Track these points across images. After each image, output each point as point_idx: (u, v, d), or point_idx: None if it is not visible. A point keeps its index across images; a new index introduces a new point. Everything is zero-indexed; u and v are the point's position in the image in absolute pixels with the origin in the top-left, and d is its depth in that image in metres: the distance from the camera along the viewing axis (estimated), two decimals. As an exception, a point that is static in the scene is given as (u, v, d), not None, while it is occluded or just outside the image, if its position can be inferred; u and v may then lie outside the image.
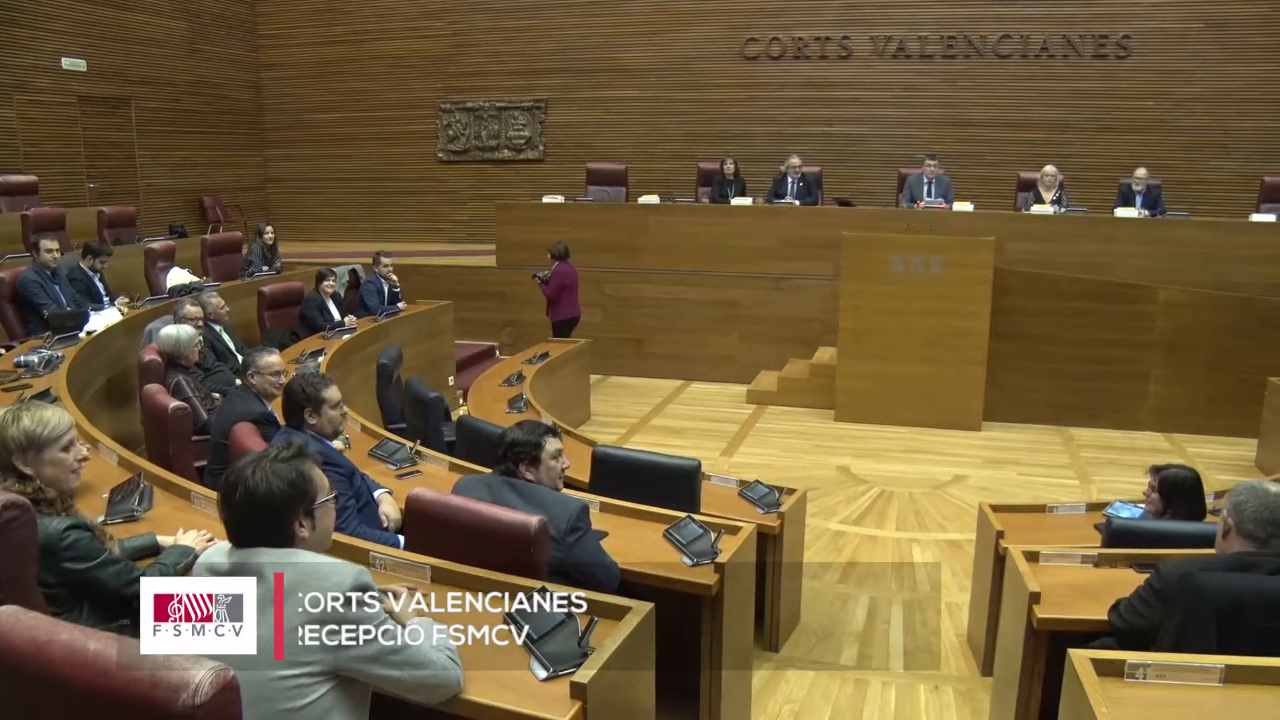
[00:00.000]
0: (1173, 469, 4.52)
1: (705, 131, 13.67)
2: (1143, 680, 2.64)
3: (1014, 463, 8.58)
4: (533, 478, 3.76)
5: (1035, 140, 12.67)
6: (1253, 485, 3.21)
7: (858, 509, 7.31)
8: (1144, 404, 9.68)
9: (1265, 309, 9.52)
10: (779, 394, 10.15)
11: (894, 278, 9.34)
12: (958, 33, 13.05)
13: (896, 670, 4.95)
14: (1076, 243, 10.07)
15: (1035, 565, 3.88)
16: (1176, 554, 3.60)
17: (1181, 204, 11.13)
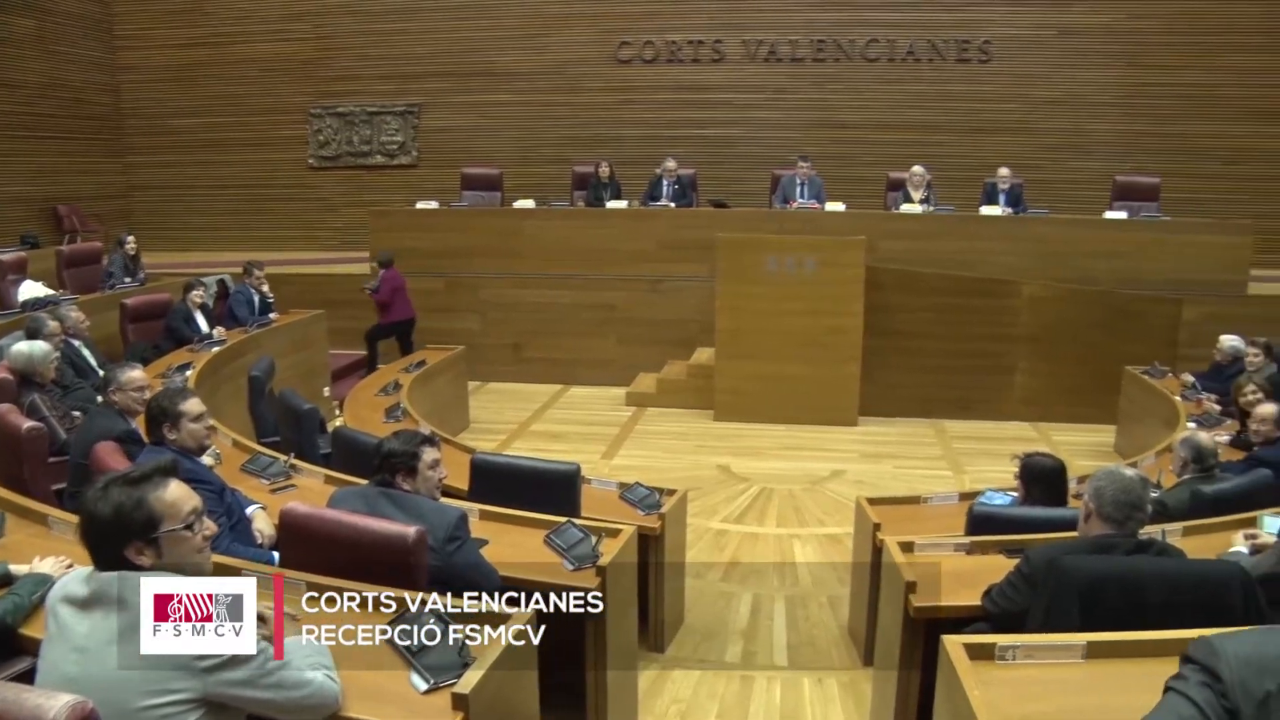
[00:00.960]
0: (1033, 457, 4.68)
1: (580, 135, 13.64)
2: (1012, 661, 2.71)
3: (890, 456, 8.77)
4: (410, 488, 3.71)
5: (903, 141, 12.96)
6: (1110, 471, 3.34)
7: (738, 507, 7.37)
8: (1012, 395, 10.01)
9: (1120, 301, 9.96)
10: (658, 395, 10.19)
11: (769, 278, 9.46)
12: (827, 37, 13.28)
13: (781, 665, 4.99)
14: (945, 240, 10.38)
15: (910, 555, 3.96)
16: (1042, 539, 3.72)
17: (1042, 202, 11.53)
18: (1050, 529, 3.98)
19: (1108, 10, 12.91)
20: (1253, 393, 6.57)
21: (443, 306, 11.16)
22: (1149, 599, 2.99)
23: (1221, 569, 3.19)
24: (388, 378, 8.28)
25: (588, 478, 5.23)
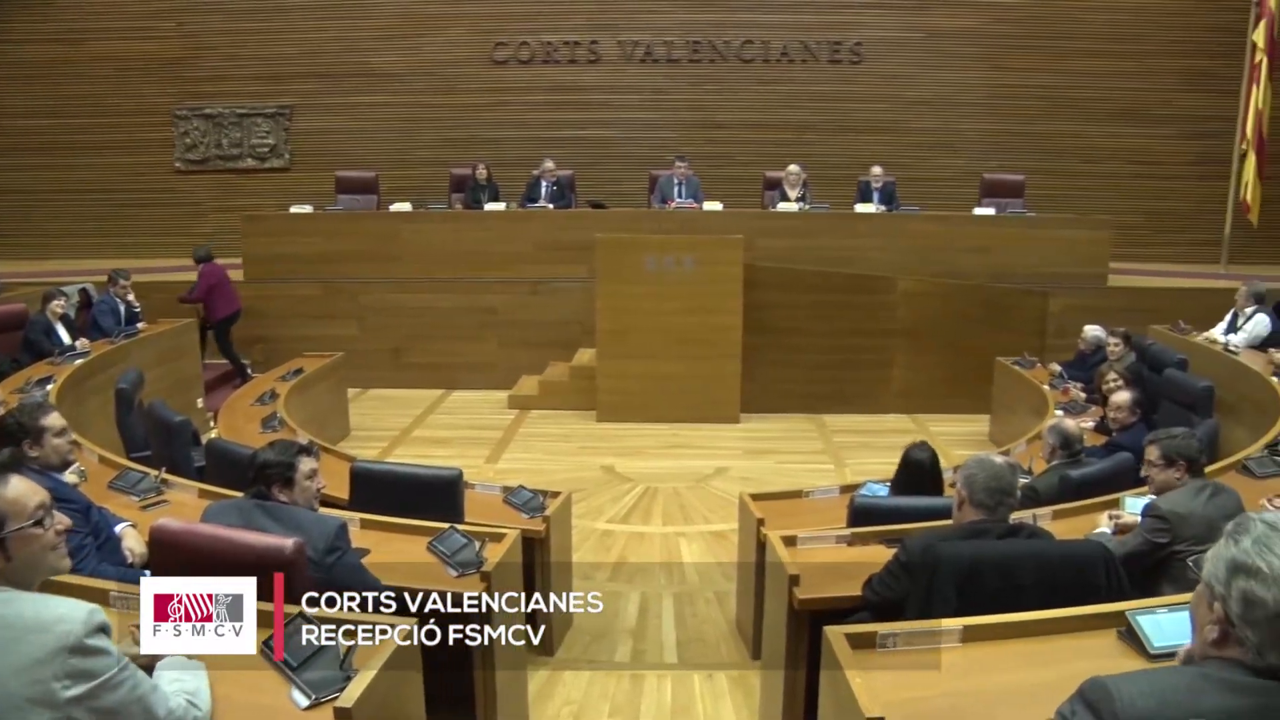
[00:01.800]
0: (909, 449, 4.81)
1: (457, 137, 13.46)
2: (893, 649, 2.76)
3: (772, 452, 8.87)
4: (287, 499, 3.63)
5: (779, 141, 13.13)
6: (980, 459, 3.44)
7: (624, 507, 7.38)
8: (890, 388, 10.23)
9: (991, 295, 10.28)
10: (540, 398, 10.13)
11: (648, 278, 9.49)
12: (702, 38, 13.37)
13: (671, 663, 5.00)
14: (821, 238, 10.55)
15: (793, 549, 4.01)
16: (919, 528, 3.80)
17: (914, 199, 11.80)
18: (928, 518, 4.07)
19: (970, 14, 13.29)
20: (1113, 380, 6.85)
21: (320, 313, 10.91)
22: (1021, 581, 3.09)
23: (1087, 549, 3.32)
24: (264, 387, 8.08)
25: (470, 482, 5.19)
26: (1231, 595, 1.68)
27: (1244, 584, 1.66)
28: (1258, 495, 4.71)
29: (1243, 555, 1.68)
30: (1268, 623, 1.63)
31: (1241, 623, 1.66)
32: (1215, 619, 1.71)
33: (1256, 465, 5.25)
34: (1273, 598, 1.63)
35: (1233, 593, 1.67)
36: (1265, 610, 1.63)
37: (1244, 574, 1.66)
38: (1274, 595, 1.63)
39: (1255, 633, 1.65)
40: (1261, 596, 1.64)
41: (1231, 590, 1.68)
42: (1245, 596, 1.66)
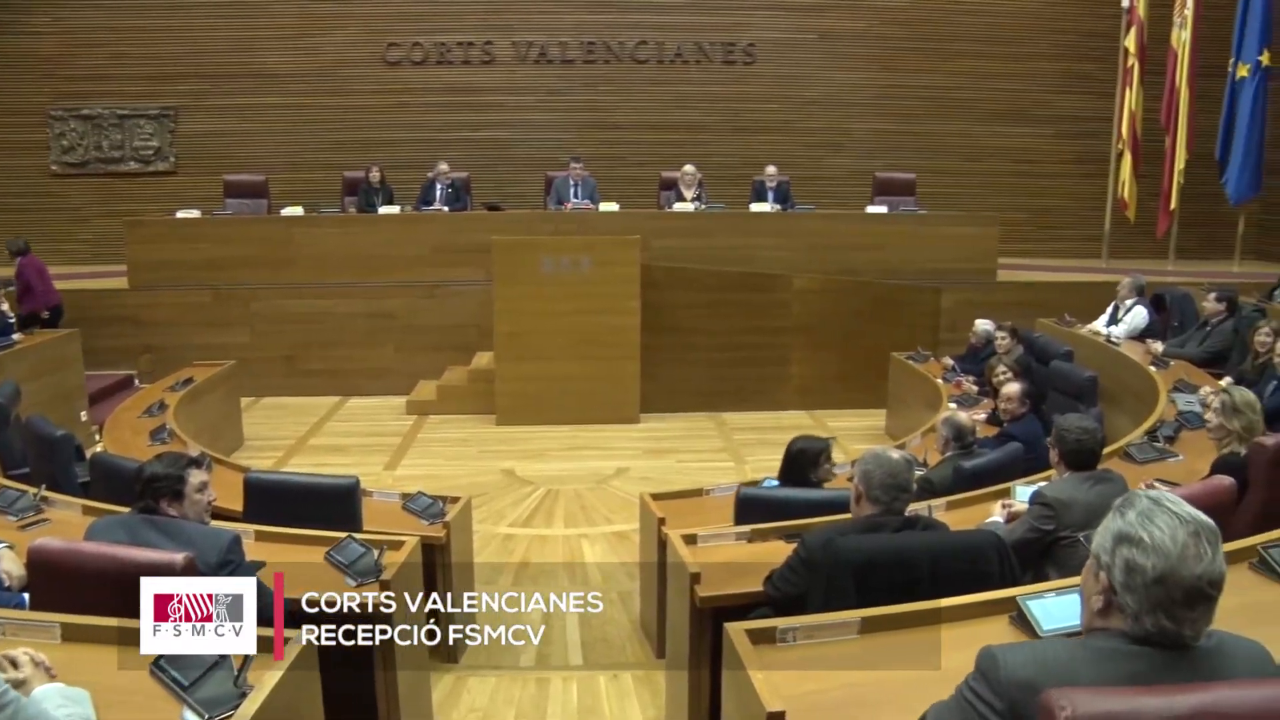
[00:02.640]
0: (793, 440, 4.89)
1: (350, 139, 13.22)
2: (793, 643, 2.78)
3: (672, 451, 8.90)
4: (177, 513, 3.51)
5: (675, 141, 13.20)
6: (876, 454, 3.49)
7: (525, 510, 7.33)
8: (788, 385, 10.34)
9: (885, 291, 10.46)
10: (439, 402, 10.01)
11: (546, 279, 9.45)
12: (597, 39, 13.38)
13: (576, 665, 4.97)
14: (717, 237, 10.63)
15: (694, 547, 4.01)
16: (817, 523, 3.85)
17: (808, 198, 11.97)
18: (812, 508, 4.16)
19: (860, 16, 13.55)
20: (1003, 373, 7.01)
21: (210, 320, 10.60)
22: (917, 572, 3.14)
23: (979, 538, 3.39)
24: (152, 398, 7.82)
25: (369, 490, 5.11)
26: (1115, 564, 1.78)
27: (1127, 552, 1.76)
28: (1139, 479, 4.86)
29: (1127, 526, 1.78)
30: (1145, 589, 1.73)
31: (1123, 589, 1.76)
32: (1101, 588, 1.81)
33: (1138, 451, 5.43)
34: (1151, 565, 1.73)
35: (1116, 561, 1.77)
36: (1144, 576, 1.73)
37: (1128, 543, 1.76)
38: (1153, 563, 1.72)
39: (1134, 599, 1.75)
40: (1142, 564, 1.73)
41: (1116, 559, 1.78)
42: (1128, 564, 1.75)
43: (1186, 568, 1.72)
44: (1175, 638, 1.75)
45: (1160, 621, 1.73)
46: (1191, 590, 1.72)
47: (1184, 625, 1.74)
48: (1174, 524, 1.74)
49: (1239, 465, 4.49)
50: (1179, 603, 1.72)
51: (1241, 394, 4.88)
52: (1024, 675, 1.75)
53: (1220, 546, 1.76)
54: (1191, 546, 1.73)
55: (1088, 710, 1.57)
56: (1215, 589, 1.74)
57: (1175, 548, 1.72)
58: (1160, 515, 1.76)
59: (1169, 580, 1.72)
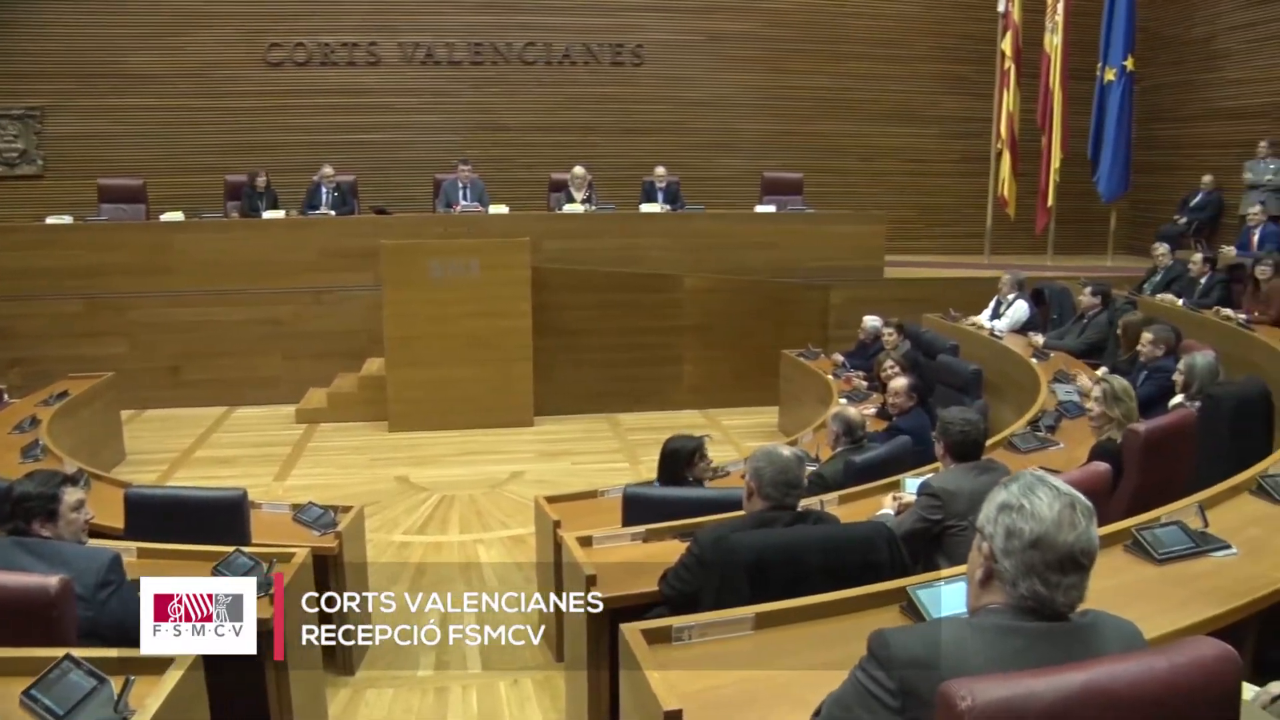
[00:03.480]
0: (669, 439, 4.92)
1: (232, 143, 12.83)
2: (688, 641, 2.78)
3: (567, 453, 8.87)
4: (51, 534, 3.36)
5: (563, 143, 13.14)
6: (767, 451, 3.52)
7: (420, 517, 7.22)
8: (681, 385, 10.39)
9: (775, 290, 10.58)
10: (330, 410, 9.79)
11: (435, 283, 9.33)
12: (484, 40, 13.23)
13: (475, 671, 4.90)
14: (608, 238, 10.61)
15: (589, 549, 3.99)
16: (711, 520, 3.86)
17: (698, 199, 12.01)
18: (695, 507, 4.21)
19: (749, 18, 13.66)
20: (891, 368, 7.15)
21: (84, 331, 10.19)
22: (810, 565, 3.16)
23: (869, 530, 3.43)
24: (23, 413, 7.48)
25: (257, 502, 5.00)
26: (997, 532, 1.87)
27: (1007, 519, 1.85)
28: (1021, 468, 4.96)
29: (1009, 496, 1.87)
30: (1021, 552, 1.82)
31: (1002, 555, 1.85)
32: (983, 558, 1.89)
33: (1020, 441, 5.58)
34: (1029, 529, 1.82)
35: (998, 529, 1.86)
36: (1021, 540, 1.83)
37: (1008, 510, 1.86)
38: (1030, 527, 1.82)
39: (1011, 563, 1.84)
40: (1020, 528, 1.83)
41: (997, 527, 1.87)
42: (1007, 530, 1.85)
43: (1061, 534, 1.81)
44: (1050, 605, 1.82)
45: (1035, 586, 1.82)
46: (1065, 556, 1.81)
47: (1057, 592, 1.82)
48: (1052, 495, 1.85)
49: (1114, 452, 4.64)
50: (1052, 567, 1.81)
51: (1120, 382, 5.04)
52: (913, 653, 1.81)
53: (1094, 522, 1.85)
54: (1067, 516, 1.82)
55: (987, 698, 1.61)
56: (1087, 558, 1.84)
57: (1052, 515, 1.82)
58: (1041, 488, 1.86)
59: (1044, 544, 1.81)
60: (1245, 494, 4.12)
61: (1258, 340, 7.65)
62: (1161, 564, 3.41)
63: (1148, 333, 6.88)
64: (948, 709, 1.62)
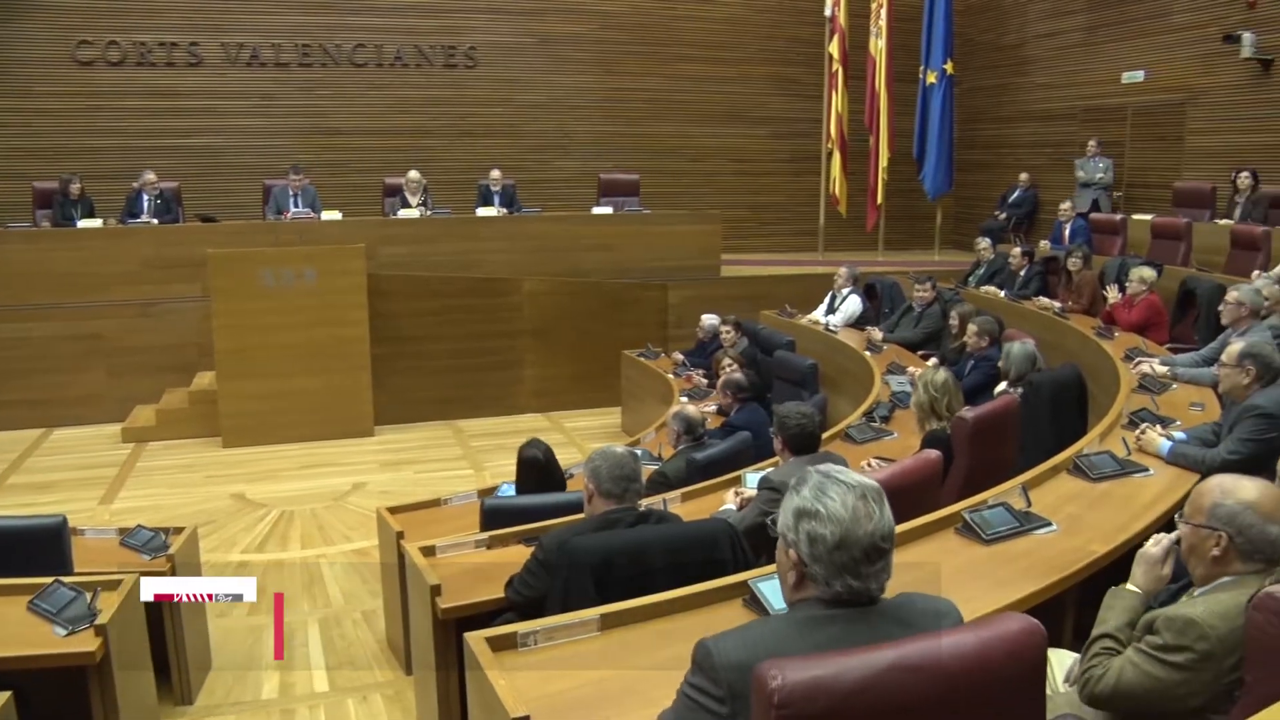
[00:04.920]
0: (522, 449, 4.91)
1: (40, 147, 12.09)
2: (535, 646, 2.77)
3: (410, 462, 8.75)
4: None
5: (397, 146, 12.94)
6: (603, 451, 3.56)
7: (259, 535, 7.01)
8: (523, 389, 10.38)
9: (613, 290, 10.66)
10: (159, 428, 9.38)
11: (268, 293, 9.06)
12: (312, 41, 12.89)
13: (322, 691, 4.79)
14: (445, 243, 10.48)
15: (433, 558, 3.94)
16: (554, 524, 3.86)
17: (534, 201, 12.04)
18: (558, 512, 4.18)
19: (581, 20, 13.74)
20: (729, 365, 7.29)
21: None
22: (654, 564, 3.20)
23: (711, 526, 3.49)
24: None
25: (79, 528, 4.76)
26: (800, 539, 1.92)
27: (808, 526, 1.91)
28: (859, 458, 5.16)
29: (803, 502, 1.93)
30: (828, 555, 1.89)
31: (810, 560, 1.91)
32: (792, 564, 1.95)
33: (857, 432, 5.76)
34: (830, 533, 1.88)
35: (800, 536, 1.92)
36: (825, 545, 1.89)
37: (807, 517, 1.92)
38: (831, 531, 1.88)
39: (821, 568, 1.90)
40: (822, 534, 1.89)
41: (799, 534, 1.92)
42: (809, 537, 1.91)
43: (860, 528, 1.88)
44: (864, 594, 1.91)
45: (847, 582, 1.89)
46: (868, 548, 1.89)
47: (869, 581, 1.91)
48: (843, 492, 1.91)
49: (945, 439, 4.84)
50: (860, 560, 1.88)
51: (933, 375, 5.26)
52: (736, 658, 1.83)
53: (885, 504, 1.94)
54: (861, 509, 1.90)
55: (796, 678, 1.67)
56: (888, 542, 1.92)
57: (848, 513, 1.89)
58: (831, 487, 1.93)
59: (847, 543, 1.88)
60: (1064, 473, 4.38)
61: (1071, 328, 8.12)
62: (989, 544, 3.57)
63: (972, 324, 7.22)
64: (760, 690, 1.68)
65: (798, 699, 1.66)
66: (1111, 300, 8.33)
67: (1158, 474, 4.37)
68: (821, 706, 1.67)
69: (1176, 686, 2.37)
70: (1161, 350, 7.20)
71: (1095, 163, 11.94)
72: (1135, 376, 6.21)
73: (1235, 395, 4.67)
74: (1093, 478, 4.27)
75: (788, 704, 1.65)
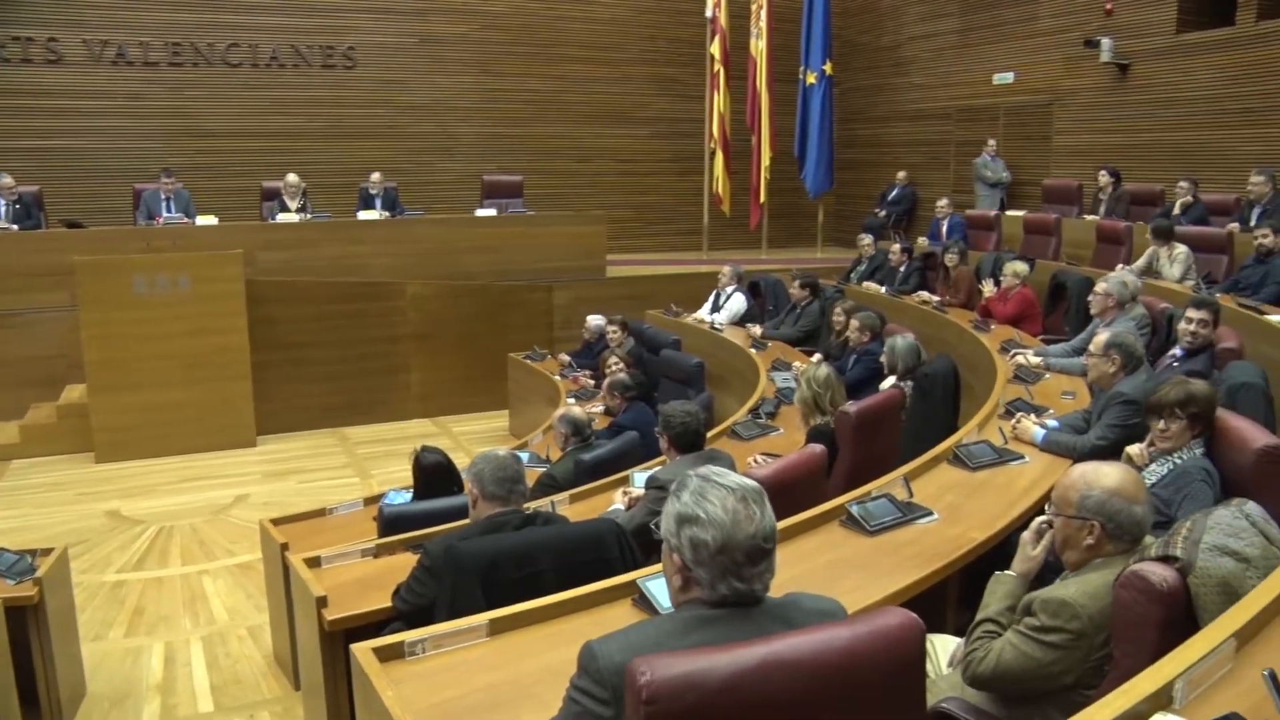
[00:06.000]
0: (418, 456, 4.84)
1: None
2: (423, 655, 2.74)
3: (295, 472, 8.57)
4: None
5: (275, 149, 12.64)
6: (485, 455, 3.55)
7: (136, 553, 6.75)
8: (409, 394, 10.25)
9: (498, 293, 10.60)
10: (24, 445, 8.94)
11: (140, 301, 8.75)
12: (183, 39, 12.47)
13: (207, 711, 4.67)
14: (326, 247, 10.27)
15: (318, 570, 3.87)
16: (441, 530, 3.82)
17: (417, 204, 11.90)
18: (463, 516, 4.11)
19: (462, 22, 13.63)
20: (615, 365, 7.30)
21: None
22: (541, 567, 3.20)
23: (598, 527, 3.49)
24: None
25: (-67, 556, 4.50)
26: (683, 544, 1.93)
27: (690, 531, 1.92)
28: (746, 455, 5.22)
29: (684, 508, 1.94)
30: (712, 560, 1.90)
31: (694, 565, 1.92)
32: (676, 568, 1.96)
33: (743, 429, 5.82)
34: (712, 538, 1.89)
35: (683, 541, 1.93)
36: (708, 550, 1.90)
37: (688, 523, 1.93)
38: (713, 535, 1.89)
39: (705, 571, 1.91)
40: (703, 539, 1.90)
41: (682, 540, 1.93)
42: (692, 542, 1.91)
43: (741, 531, 1.90)
44: (748, 595, 1.93)
45: (732, 584, 1.91)
46: (750, 550, 1.91)
47: (753, 582, 1.93)
48: (723, 495, 1.93)
49: (829, 433, 4.92)
50: (742, 564, 1.90)
51: (815, 371, 5.34)
52: (620, 660, 1.83)
53: (766, 505, 1.96)
54: (742, 511, 1.91)
55: (665, 674, 1.68)
56: (770, 542, 1.94)
57: (728, 516, 1.90)
58: (711, 490, 1.94)
59: (729, 547, 1.89)
60: (944, 464, 4.50)
61: (950, 321, 8.35)
62: (874, 535, 3.65)
63: (854, 320, 7.36)
64: (630, 686, 1.69)
65: (665, 695, 1.66)
66: (987, 294, 8.59)
67: (1033, 461, 4.53)
68: (690, 702, 1.68)
69: (1052, 665, 2.46)
70: (1035, 341, 7.45)
71: (998, 162, 12.27)
72: (1011, 367, 6.42)
73: (1102, 383, 4.85)
74: (972, 467, 4.40)
75: (655, 699, 1.66)
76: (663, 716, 1.66)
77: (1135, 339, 4.98)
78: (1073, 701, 2.33)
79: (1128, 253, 8.98)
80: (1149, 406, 3.93)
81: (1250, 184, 8.73)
